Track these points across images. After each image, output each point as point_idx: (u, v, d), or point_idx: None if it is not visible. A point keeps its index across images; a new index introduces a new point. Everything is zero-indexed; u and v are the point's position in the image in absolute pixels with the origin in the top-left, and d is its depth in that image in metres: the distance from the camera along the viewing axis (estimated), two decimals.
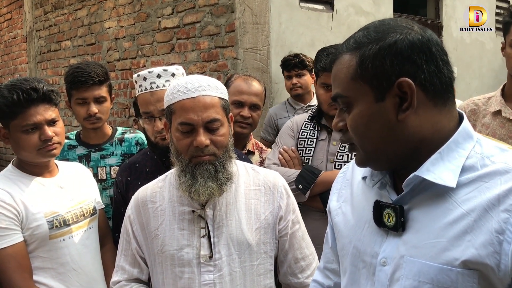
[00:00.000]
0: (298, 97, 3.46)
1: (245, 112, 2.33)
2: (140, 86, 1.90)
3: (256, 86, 2.39)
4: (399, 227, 0.98)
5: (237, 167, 1.60)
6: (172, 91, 1.49)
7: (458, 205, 0.92)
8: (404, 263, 0.96)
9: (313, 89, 3.51)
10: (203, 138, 1.43)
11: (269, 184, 1.59)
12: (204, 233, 1.49)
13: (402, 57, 0.93)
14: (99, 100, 2.30)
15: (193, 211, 1.51)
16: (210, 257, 1.48)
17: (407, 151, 0.98)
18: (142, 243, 1.59)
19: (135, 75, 1.93)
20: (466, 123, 0.99)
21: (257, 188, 1.58)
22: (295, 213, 1.62)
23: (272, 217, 1.56)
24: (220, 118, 1.46)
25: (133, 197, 1.65)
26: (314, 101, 3.42)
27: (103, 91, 2.31)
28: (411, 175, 0.96)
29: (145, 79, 1.88)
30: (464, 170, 0.94)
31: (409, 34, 0.95)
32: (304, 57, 3.42)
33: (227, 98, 1.54)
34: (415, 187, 0.97)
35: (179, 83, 1.49)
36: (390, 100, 0.95)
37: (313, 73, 3.46)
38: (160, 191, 1.59)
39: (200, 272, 1.48)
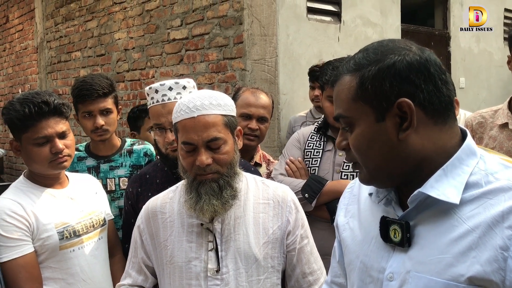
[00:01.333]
0: (320, 108, 3.47)
1: (253, 124, 2.36)
2: (152, 98, 1.93)
3: (263, 98, 2.42)
4: (405, 243, 0.99)
5: (247, 180, 1.61)
6: (177, 109, 1.51)
7: (463, 222, 0.93)
8: (410, 278, 0.97)
9: None
10: (204, 158, 1.44)
11: (278, 199, 1.59)
12: (212, 246, 1.50)
13: (400, 78, 0.95)
14: (105, 112, 2.33)
15: (202, 224, 1.52)
16: (217, 270, 1.49)
17: (410, 169, 0.99)
18: (151, 253, 1.61)
19: (147, 88, 1.97)
20: (469, 140, 1.00)
21: (266, 202, 1.58)
22: (304, 228, 1.62)
23: (280, 232, 1.56)
24: (221, 136, 1.46)
25: (143, 207, 1.67)
26: None
27: (108, 103, 2.33)
28: (415, 192, 0.97)
29: (156, 91, 1.91)
30: (468, 186, 0.95)
31: (407, 55, 0.97)
32: None
33: (232, 114, 1.54)
34: (420, 203, 0.98)
35: (183, 101, 1.50)
36: (390, 120, 0.96)
37: None
38: (170, 202, 1.61)
39: (207, 286, 1.49)
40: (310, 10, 4.06)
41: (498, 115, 2.15)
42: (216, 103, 1.50)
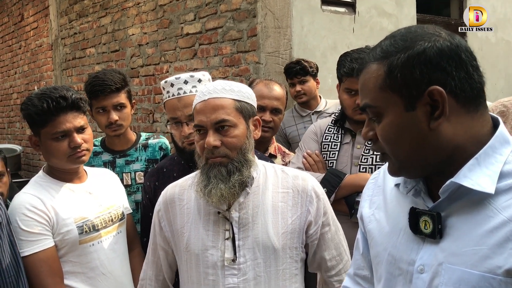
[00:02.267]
0: (304, 103, 3.42)
1: (267, 116, 2.35)
2: (168, 92, 1.92)
3: (277, 90, 2.41)
4: (437, 234, 0.97)
5: (265, 168, 1.59)
6: (196, 97, 1.53)
7: (498, 212, 0.91)
8: (443, 270, 0.95)
9: (318, 94, 3.48)
10: (211, 139, 1.43)
11: (298, 188, 1.56)
12: (229, 235, 1.49)
13: (431, 65, 0.92)
14: (118, 107, 2.33)
15: (219, 213, 1.51)
16: (234, 260, 1.48)
17: (441, 158, 0.97)
18: (170, 239, 1.61)
19: (162, 82, 1.96)
20: (502, 128, 0.97)
21: (285, 191, 1.56)
22: (326, 215, 1.59)
23: (300, 222, 1.53)
24: (230, 119, 1.45)
25: (162, 193, 1.67)
26: (320, 107, 3.39)
27: (121, 98, 2.33)
28: (448, 182, 0.95)
29: (172, 85, 1.90)
30: (502, 176, 0.93)
31: (438, 41, 0.94)
32: (306, 63, 3.35)
33: (248, 101, 1.53)
34: (452, 193, 0.96)
35: (200, 89, 1.53)
36: (421, 109, 0.94)
37: (317, 78, 3.46)
38: (188, 189, 1.61)
39: (224, 275, 1.48)
40: (325, 1, 4.02)
41: None
42: (229, 89, 1.50)
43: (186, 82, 1.90)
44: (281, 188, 1.56)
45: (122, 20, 5.34)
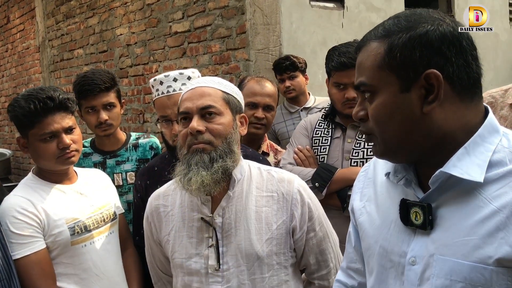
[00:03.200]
0: (293, 99, 3.40)
1: (259, 113, 2.35)
2: (157, 90, 1.91)
3: (269, 87, 2.41)
4: (428, 225, 0.97)
5: (250, 168, 1.55)
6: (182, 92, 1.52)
7: (488, 202, 0.91)
8: (434, 261, 0.95)
9: (308, 90, 3.48)
10: (195, 124, 1.40)
11: (282, 191, 1.50)
12: (212, 242, 1.46)
13: (432, 48, 0.91)
14: (108, 107, 2.31)
15: (202, 218, 1.48)
16: (217, 268, 1.44)
17: (429, 144, 0.96)
18: (161, 245, 1.60)
19: (151, 80, 1.94)
20: (491, 117, 0.97)
21: (269, 194, 1.50)
22: (312, 221, 1.52)
23: (285, 227, 1.48)
24: (217, 106, 1.44)
25: (148, 201, 1.65)
26: (309, 103, 3.39)
27: (111, 97, 2.32)
28: (437, 172, 0.94)
29: (161, 83, 1.89)
30: (491, 165, 0.93)
31: (441, 25, 0.93)
32: (295, 59, 3.35)
33: (234, 96, 1.51)
34: (442, 184, 0.96)
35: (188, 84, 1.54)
36: (415, 92, 0.93)
37: (306, 74, 3.46)
38: (172, 194, 1.58)
39: (208, 283, 1.45)
40: None
41: (508, 95, 2.12)
42: (217, 81, 1.50)
43: (175, 79, 1.89)
44: (266, 192, 1.51)
45: (110, 20, 5.30)
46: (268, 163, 2.04)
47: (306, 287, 1.64)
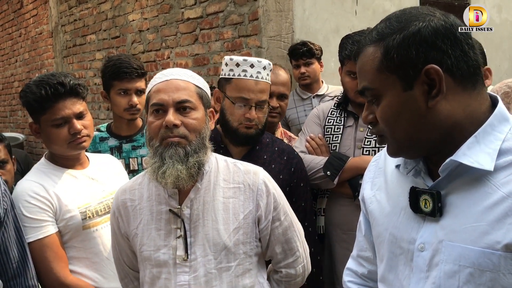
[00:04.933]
0: (307, 86, 3.39)
1: (274, 102, 2.34)
2: (244, 70, 1.89)
3: (282, 75, 2.40)
4: (437, 213, 0.98)
5: (217, 161, 1.56)
6: (153, 80, 1.51)
7: (497, 188, 0.92)
8: (443, 247, 0.97)
9: (321, 78, 3.46)
10: (172, 117, 1.40)
11: (248, 182, 1.52)
12: (180, 233, 1.46)
13: (427, 44, 0.93)
14: (139, 92, 2.37)
15: (170, 210, 1.48)
16: (185, 258, 1.45)
17: (440, 136, 0.97)
18: (129, 240, 1.58)
19: (227, 58, 1.95)
20: (501, 106, 0.98)
21: (236, 186, 1.52)
22: (277, 210, 1.54)
23: (252, 216, 1.50)
24: (192, 101, 1.44)
25: (115, 194, 1.63)
26: (322, 90, 3.37)
27: (143, 84, 2.39)
28: (447, 160, 0.96)
29: (252, 66, 1.89)
30: (501, 153, 0.94)
31: (432, 21, 0.95)
32: (312, 45, 3.33)
33: (206, 90, 1.53)
34: (451, 172, 0.97)
35: (160, 72, 1.52)
36: (418, 88, 0.95)
37: (321, 61, 3.43)
38: (139, 188, 1.57)
39: (176, 273, 1.45)
40: None
41: None
42: (191, 75, 1.51)
43: (252, 65, 1.89)
44: (233, 183, 1.53)
45: (122, 6, 5.29)
46: (285, 145, 2.05)
47: (272, 275, 1.66)
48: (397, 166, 1.12)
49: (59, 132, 1.79)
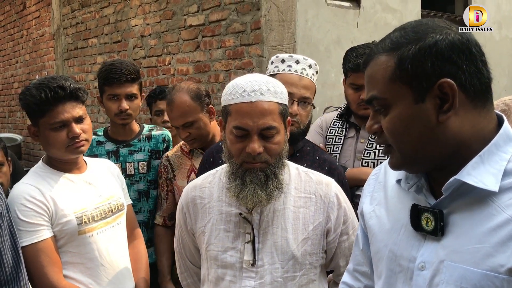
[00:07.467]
0: None
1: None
2: (289, 66, 1.87)
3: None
4: (439, 232, 0.96)
5: (290, 170, 1.55)
6: (231, 91, 1.45)
7: (501, 210, 0.90)
8: (444, 268, 0.95)
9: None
10: (257, 146, 1.39)
11: (320, 193, 1.53)
12: (249, 238, 1.47)
13: (443, 58, 0.92)
14: (130, 97, 2.37)
15: (240, 214, 1.49)
16: (253, 264, 1.46)
17: (446, 153, 0.96)
18: (195, 236, 1.61)
19: (274, 57, 1.92)
20: (506, 125, 0.97)
21: (307, 196, 1.53)
22: (346, 224, 1.55)
23: (321, 228, 1.51)
24: (276, 125, 1.42)
25: (184, 190, 1.65)
26: None
27: (134, 89, 2.38)
28: (451, 179, 0.94)
29: (297, 62, 1.87)
30: (506, 174, 0.92)
31: (449, 34, 0.93)
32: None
33: (286, 103, 1.49)
34: (454, 191, 0.95)
35: (239, 83, 1.44)
36: (430, 102, 0.93)
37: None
38: (209, 186, 1.59)
39: (241, 277, 1.47)
40: None
41: None
42: (274, 90, 1.44)
43: (297, 62, 1.88)
44: (304, 193, 1.53)
45: (125, 10, 5.30)
46: (316, 149, 1.97)
47: (332, 287, 1.67)
48: (398, 181, 1.10)
49: (57, 135, 1.78)
